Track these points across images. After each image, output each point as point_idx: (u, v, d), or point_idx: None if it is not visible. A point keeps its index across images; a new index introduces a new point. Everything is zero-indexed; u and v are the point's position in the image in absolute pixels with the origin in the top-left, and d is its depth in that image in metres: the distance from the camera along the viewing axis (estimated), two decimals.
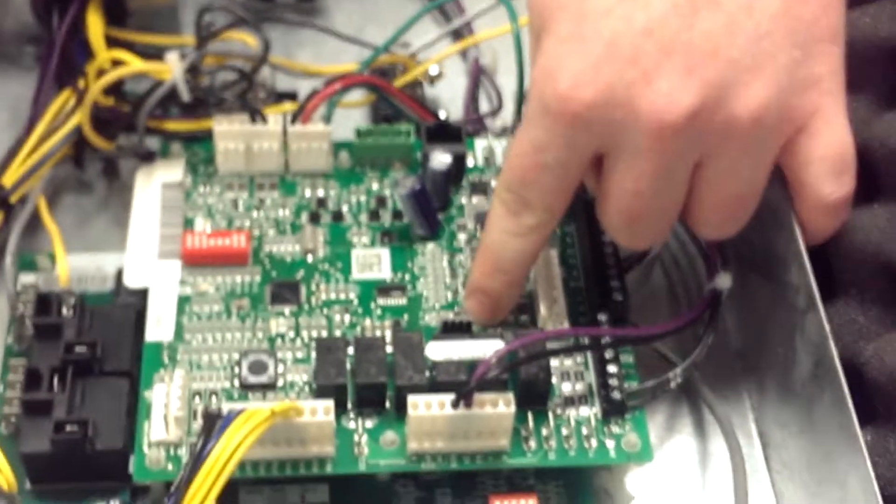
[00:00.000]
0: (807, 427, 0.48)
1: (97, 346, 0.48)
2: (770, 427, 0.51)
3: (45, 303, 0.49)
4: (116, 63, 0.54)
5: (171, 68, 0.53)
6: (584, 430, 0.47)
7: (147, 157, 0.55)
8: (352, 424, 0.47)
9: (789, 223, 0.49)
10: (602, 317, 0.50)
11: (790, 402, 0.49)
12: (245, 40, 0.57)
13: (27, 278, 0.52)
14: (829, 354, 0.45)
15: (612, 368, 0.48)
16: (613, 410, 0.48)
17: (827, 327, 0.46)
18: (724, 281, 0.50)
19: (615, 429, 0.48)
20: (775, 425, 0.51)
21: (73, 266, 0.52)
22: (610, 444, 0.47)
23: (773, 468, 0.51)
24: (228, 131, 0.53)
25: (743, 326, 0.54)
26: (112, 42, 0.57)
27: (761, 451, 0.51)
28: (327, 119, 0.54)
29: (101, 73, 0.54)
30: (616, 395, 0.48)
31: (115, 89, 0.55)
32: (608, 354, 0.49)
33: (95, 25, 0.56)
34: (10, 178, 0.53)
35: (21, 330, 0.50)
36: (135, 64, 0.54)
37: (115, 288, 0.52)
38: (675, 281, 0.56)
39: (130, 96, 0.55)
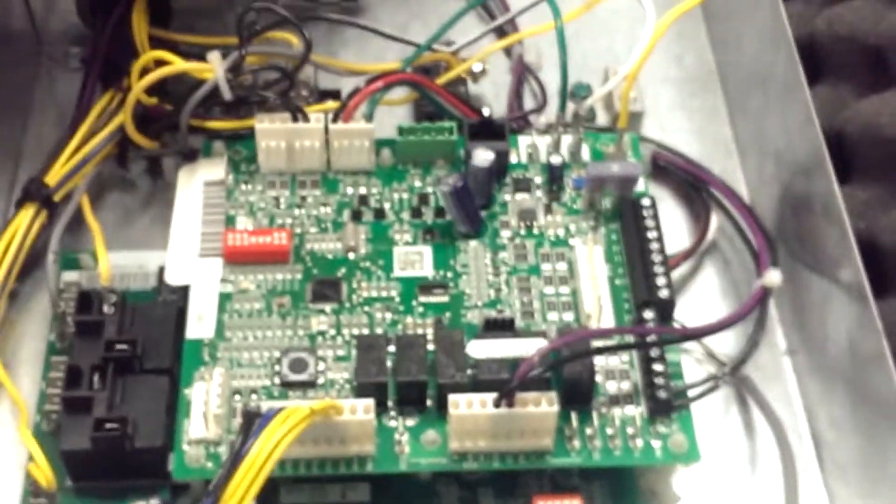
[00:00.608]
0: (860, 425, 0.46)
1: (138, 343, 0.47)
2: (822, 426, 0.49)
3: (87, 300, 0.49)
4: (160, 63, 0.53)
5: (213, 67, 0.52)
6: (630, 430, 0.46)
7: (190, 156, 0.54)
8: (393, 423, 0.46)
9: (840, 218, 0.47)
10: (648, 314, 0.49)
11: (843, 400, 0.47)
12: (288, 39, 0.56)
13: (70, 276, 0.52)
14: (883, 352, 0.44)
15: (658, 367, 0.47)
16: (659, 410, 0.47)
17: (880, 324, 0.45)
18: (773, 278, 0.48)
19: (661, 428, 0.46)
20: (827, 424, 0.49)
21: (116, 264, 0.52)
22: (656, 444, 0.46)
23: (825, 468, 0.49)
24: (270, 129, 0.52)
25: (793, 323, 0.52)
26: (156, 43, 0.56)
27: (813, 451, 0.50)
28: (369, 117, 0.53)
29: (144, 72, 0.53)
30: (662, 394, 0.46)
31: (159, 89, 0.54)
32: (654, 353, 0.47)
33: (140, 26, 0.56)
34: (54, 177, 0.53)
35: (63, 328, 0.50)
36: (177, 63, 0.53)
37: (156, 286, 0.51)
38: (723, 278, 0.54)
39: (174, 96, 0.55)
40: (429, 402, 0.47)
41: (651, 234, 0.50)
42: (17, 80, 0.58)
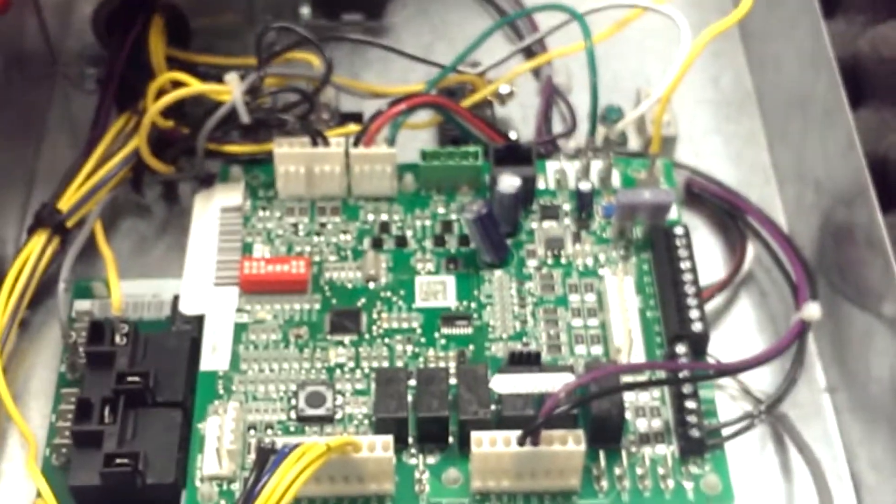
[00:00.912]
0: None
1: (150, 375, 0.47)
2: (863, 468, 0.49)
3: (98, 330, 0.48)
4: (176, 84, 0.53)
5: (231, 89, 0.52)
6: (661, 470, 0.46)
7: (206, 181, 0.54)
8: (413, 460, 0.46)
9: (884, 251, 0.46)
10: (680, 349, 0.48)
11: (885, 440, 0.47)
12: (308, 60, 0.56)
13: (82, 305, 0.52)
14: None
15: (690, 404, 0.47)
16: (692, 449, 0.46)
17: None
18: (812, 311, 0.48)
19: (694, 469, 0.46)
20: (868, 465, 0.48)
21: (130, 292, 0.52)
22: (688, 485, 0.46)
23: None
24: (289, 154, 0.53)
25: (833, 359, 0.52)
26: (174, 63, 0.56)
27: (853, 494, 0.49)
28: (391, 141, 0.53)
29: (161, 94, 0.53)
30: (695, 432, 0.46)
31: (176, 111, 0.54)
32: (686, 389, 0.47)
33: (157, 46, 0.56)
34: (67, 202, 0.53)
35: (74, 358, 0.50)
36: (194, 85, 0.53)
37: (170, 315, 0.51)
38: (759, 311, 0.54)
39: (191, 119, 0.55)
40: (450, 439, 0.46)
41: (684, 265, 0.50)
42: (31, 100, 0.59)
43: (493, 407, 0.46)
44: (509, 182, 0.51)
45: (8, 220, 0.54)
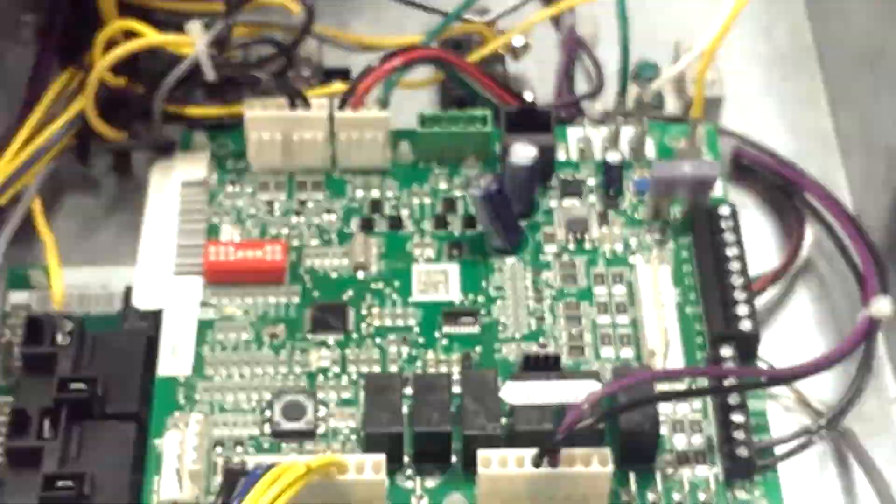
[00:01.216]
0: None
1: (98, 381, 0.47)
2: None
3: (36, 328, 0.49)
4: (130, 35, 0.54)
5: (194, 41, 0.52)
6: (702, 496, 0.46)
7: (165, 150, 0.55)
8: (409, 484, 0.47)
9: None
10: (726, 352, 0.48)
11: None
12: (286, 6, 0.56)
13: (17, 297, 0.52)
14: None
15: (737, 417, 0.47)
16: (739, 471, 0.47)
17: None
18: (882, 307, 0.48)
19: (741, 494, 0.46)
20: None
21: (74, 282, 0.52)
22: None
23: None
24: (262, 118, 0.53)
25: None
26: (126, 9, 0.56)
27: None
28: (384, 103, 0.54)
29: (111, 46, 0.54)
30: (743, 451, 0.46)
31: (129, 67, 0.55)
32: (733, 400, 0.47)
33: None
34: None
35: (8, 361, 0.50)
36: (150, 36, 0.53)
37: (122, 310, 0.51)
38: (820, 306, 0.54)
39: (146, 76, 0.55)
40: (453, 459, 0.47)
41: (730, 251, 0.50)
42: None
43: (503, 420, 0.46)
44: (524, 152, 0.51)
45: None
